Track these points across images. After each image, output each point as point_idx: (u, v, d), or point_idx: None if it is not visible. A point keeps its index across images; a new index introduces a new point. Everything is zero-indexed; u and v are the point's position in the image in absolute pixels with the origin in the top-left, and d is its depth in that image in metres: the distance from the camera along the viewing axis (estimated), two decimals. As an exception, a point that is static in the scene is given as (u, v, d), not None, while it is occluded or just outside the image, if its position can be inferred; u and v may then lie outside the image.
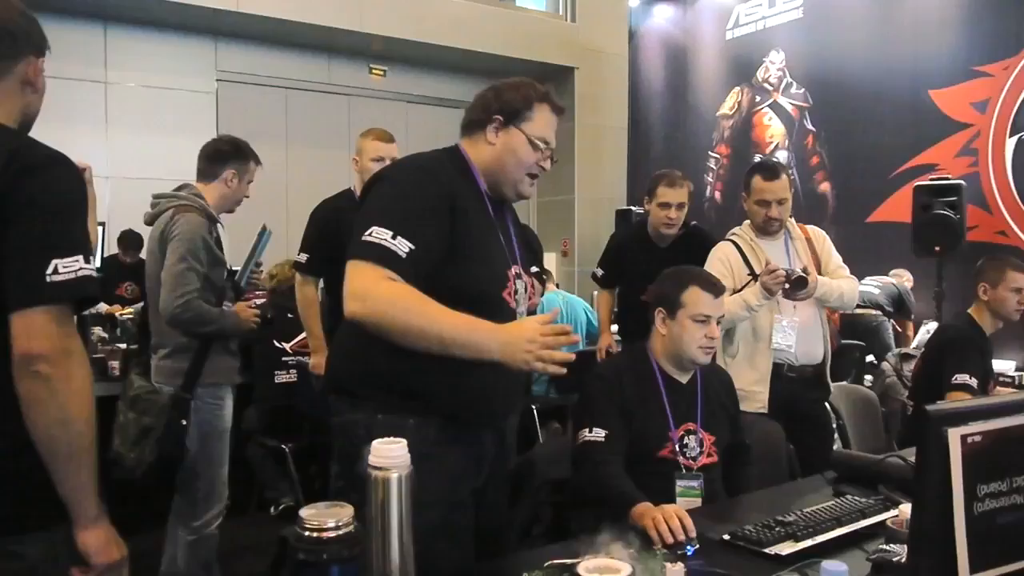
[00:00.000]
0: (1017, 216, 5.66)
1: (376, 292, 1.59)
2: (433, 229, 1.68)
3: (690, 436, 2.18)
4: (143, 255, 3.52)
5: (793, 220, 3.20)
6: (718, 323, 2.22)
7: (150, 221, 2.96)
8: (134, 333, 3.46)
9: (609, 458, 2.04)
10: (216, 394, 2.92)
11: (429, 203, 1.70)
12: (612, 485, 1.97)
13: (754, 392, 2.95)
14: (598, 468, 2.03)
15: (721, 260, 3.11)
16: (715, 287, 2.23)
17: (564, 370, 1.58)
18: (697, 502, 2.09)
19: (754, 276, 3.00)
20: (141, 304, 4.35)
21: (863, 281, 5.59)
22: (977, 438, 1.12)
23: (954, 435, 1.10)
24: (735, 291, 2.99)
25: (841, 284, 3.07)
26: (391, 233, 1.62)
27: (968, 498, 1.11)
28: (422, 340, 1.59)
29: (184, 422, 2.81)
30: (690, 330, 2.17)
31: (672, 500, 2.04)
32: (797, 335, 2.99)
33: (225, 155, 3.02)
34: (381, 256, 1.60)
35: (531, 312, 1.95)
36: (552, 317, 1.63)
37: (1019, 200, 5.66)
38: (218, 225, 2.98)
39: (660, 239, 3.71)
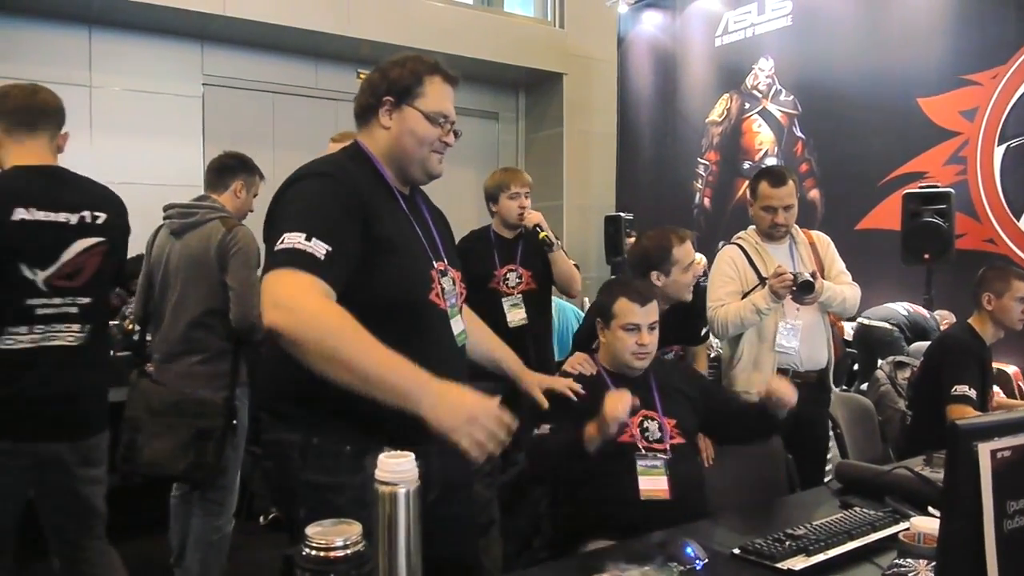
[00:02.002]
0: (1005, 224, 5.68)
1: (305, 305, 1.43)
2: (348, 231, 1.56)
3: (650, 421, 2.23)
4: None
5: (797, 226, 3.22)
6: (651, 330, 2.29)
7: (182, 230, 3.05)
8: (135, 341, 3.44)
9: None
10: (246, 393, 3.10)
11: (338, 205, 1.58)
12: (556, 439, 2.11)
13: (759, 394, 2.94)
14: (543, 442, 2.14)
15: (727, 263, 3.13)
16: (641, 296, 2.32)
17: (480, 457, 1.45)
18: (662, 480, 2.13)
19: (762, 281, 3.01)
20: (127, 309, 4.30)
21: (896, 302, 5.59)
22: (1006, 453, 1.09)
23: (984, 450, 1.07)
24: (744, 294, 3.03)
25: (844, 290, 3.09)
26: (304, 235, 1.49)
27: (998, 514, 1.08)
28: (344, 371, 1.42)
29: (235, 422, 3.00)
30: (622, 338, 2.29)
31: (635, 483, 2.11)
32: (801, 339, 3.02)
33: (233, 167, 3.21)
34: (296, 260, 1.46)
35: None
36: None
37: (1007, 208, 5.68)
38: None
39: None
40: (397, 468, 1.25)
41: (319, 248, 1.48)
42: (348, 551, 1.14)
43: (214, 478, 2.98)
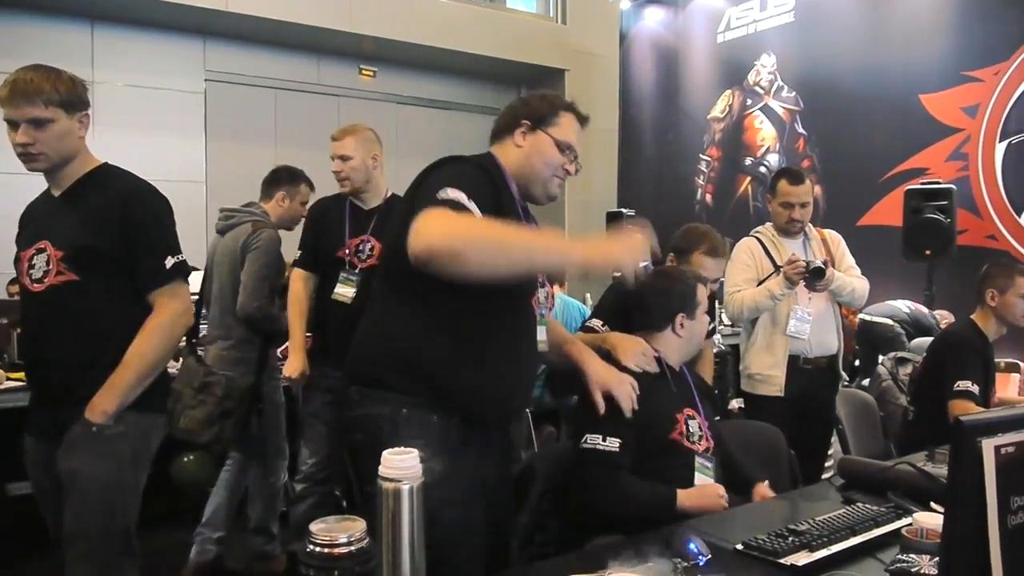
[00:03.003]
0: (1007, 220, 5.68)
1: (452, 223, 1.57)
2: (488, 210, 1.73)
3: (692, 421, 2.19)
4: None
5: (811, 224, 3.46)
6: None
7: (224, 230, 3.47)
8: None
9: (626, 469, 2.03)
10: (274, 376, 3.51)
11: (485, 193, 1.74)
12: (641, 491, 2.02)
13: (771, 376, 3.25)
14: (619, 482, 2.01)
15: (746, 252, 3.40)
16: (705, 280, 2.42)
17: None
18: (710, 479, 2.12)
19: (777, 269, 3.25)
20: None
21: (898, 300, 5.60)
22: (1010, 449, 1.09)
23: (988, 446, 1.07)
24: (759, 282, 3.29)
25: (853, 281, 3.32)
26: (467, 195, 1.64)
27: (1002, 510, 1.08)
28: (503, 258, 1.58)
29: (261, 405, 3.38)
30: (704, 322, 2.36)
31: (686, 483, 2.07)
32: (811, 325, 3.24)
33: (279, 179, 3.65)
34: (456, 207, 1.61)
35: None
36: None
37: (1008, 205, 5.68)
38: None
39: None
40: (401, 464, 1.25)
41: (476, 211, 1.64)
42: (352, 547, 1.14)
43: (228, 450, 3.46)
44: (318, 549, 1.14)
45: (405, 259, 1.71)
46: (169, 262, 2.14)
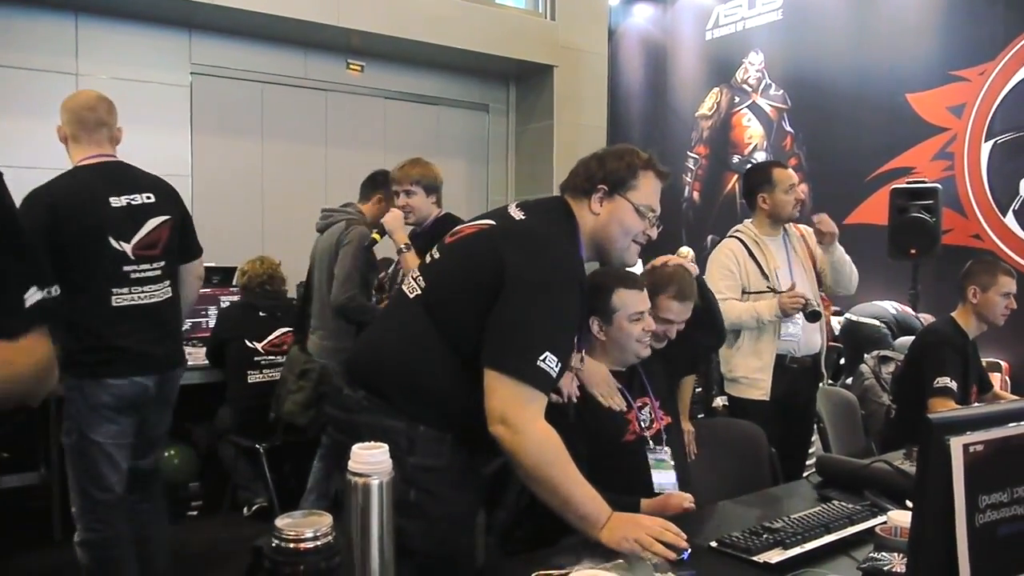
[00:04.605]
0: (991, 220, 5.71)
1: (532, 430, 1.58)
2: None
3: (643, 410, 2.23)
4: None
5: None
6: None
7: (323, 229, 3.77)
8: (298, 316, 4.17)
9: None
10: None
11: (576, 319, 1.73)
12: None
13: (756, 380, 3.16)
14: None
15: (728, 255, 3.24)
16: (636, 283, 2.25)
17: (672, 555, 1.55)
18: (671, 474, 2.15)
19: (761, 270, 3.17)
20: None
21: (884, 300, 5.61)
22: (979, 447, 1.09)
23: (956, 444, 1.07)
24: (743, 289, 3.17)
25: (848, 259, 3.32)
26: (557, 360, 1.60)
27: (970, 509, 1.08)
28: (547, 491, 1.60)
29: None
30: (629, 329, 2.20)
31: (642, 479, 2.11)
32: (800, 326, 3.19)
33: (377, 183, 3.82)
34: (539, 380, 1.59)
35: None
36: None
37: (993, 204, 5.70)
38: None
39: None
40: (371, 459, 1.25)
41: (554, 367, 1.60)
42: (318, 542, 1.13)
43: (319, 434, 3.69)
44: (284, 544, 1.13)
45: (463, 312, 1.68)
46: (35, 296, 1.18)
